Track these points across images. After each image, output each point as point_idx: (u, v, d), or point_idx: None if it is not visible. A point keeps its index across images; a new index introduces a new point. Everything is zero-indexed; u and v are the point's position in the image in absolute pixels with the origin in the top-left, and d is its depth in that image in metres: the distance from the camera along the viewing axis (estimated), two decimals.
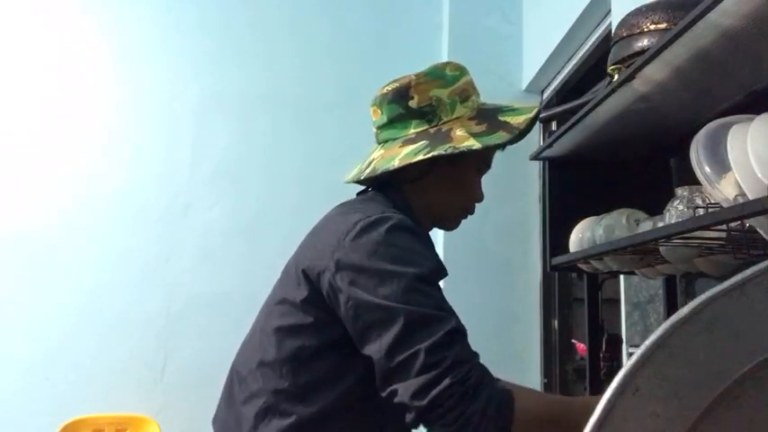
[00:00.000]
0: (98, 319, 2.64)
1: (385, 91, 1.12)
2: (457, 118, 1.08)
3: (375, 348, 0.89)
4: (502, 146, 1.10)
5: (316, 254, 1.00)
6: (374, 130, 1.16)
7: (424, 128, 1.08)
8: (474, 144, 1.02)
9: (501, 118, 1.09)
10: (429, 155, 1.02)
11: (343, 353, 0.96)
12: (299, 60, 2.95)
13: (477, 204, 1.16)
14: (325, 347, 0.97)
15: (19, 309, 2.62)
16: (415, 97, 1.09)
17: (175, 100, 2.86)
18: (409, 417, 0.86)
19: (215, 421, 1.10)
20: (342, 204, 1.11)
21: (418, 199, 1.11)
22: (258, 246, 2.72)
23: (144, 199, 2.76)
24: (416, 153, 1.03)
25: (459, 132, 1.05)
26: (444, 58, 2.90)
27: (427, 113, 1.09)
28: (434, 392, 0.83)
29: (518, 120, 1.08)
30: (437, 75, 1.11)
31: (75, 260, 2.68)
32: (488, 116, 1.09)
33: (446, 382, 0.83)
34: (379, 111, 1.13)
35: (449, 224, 1.17)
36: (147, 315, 2.67)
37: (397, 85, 1.11)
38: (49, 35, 2.83)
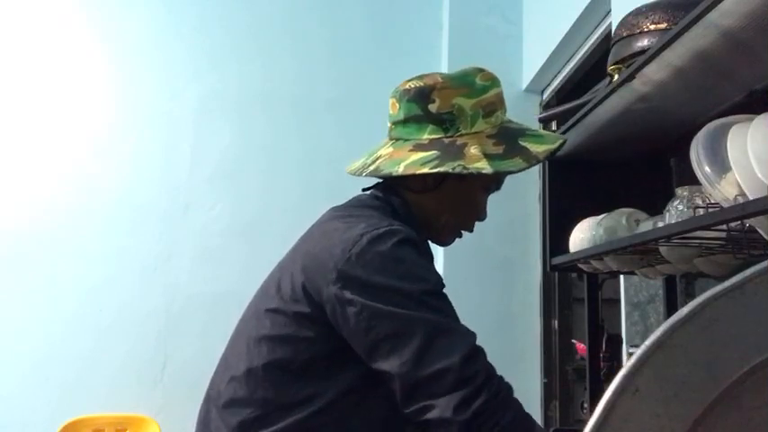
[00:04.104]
0: (98, 319, 2.64)
1: (407, 87, 1.06)
2: (475, 133, 1.02)
3: (395, 362, 0.86)
4: (514, 173, 1.06)
5: (317, 265, 0.95)
6: (389, 124, 1.10)
7: (439, 136, 1.02)
8: (485, 167, 0.97)
9: (521, 142, 1.03)
10: (435, 170, 0.98)
11: (331, 368, 0.94)
12: (298, 60, 2.95)
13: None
14: (317, 361, 0.94)
15: (19, 308, 2.62)
16: (437, 101, 1.03)
17: (175, 100, 2.86)
18: (449, 430, 0.85)
19: (196, 423, 1.06)
20: (337, 209, 1.06)
21: (419, 210, 1.07)
22: (258, 246, 2.72)
23: (144, 199, 2.76)
24: (423, 164, 0.99)
25: (473, 150, 0.99)
26: (444, 58, 2.91)
27: (445, 121, 1.03)
28: (476, 406, 0.83)
29: (538, 148, 1.03)
30: (465, 82, 1.05)
31: (75, 260, 2.68)
32: (509, 137, 1.04)
33: (484, 395, 0.83)
34: (397, 105, 1.07)
35: (442, 240, 1.14)
36: (146, 315, 2.67)
37: (421, 83, 1.05)
38: (49, 35, 2.83)
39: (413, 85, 1.05)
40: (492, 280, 2.70)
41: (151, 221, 2.75)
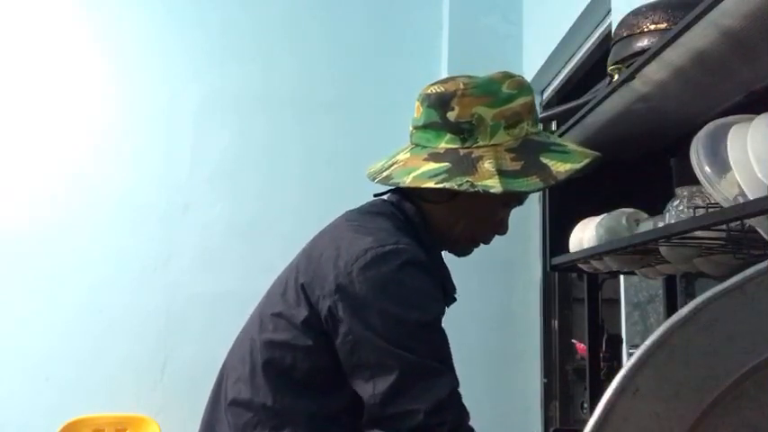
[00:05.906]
0: (98, 319, 2.64)
1: (429, 91, 1.01)
2: (494, 145, 0.96)
3: (368, 390, 0.86)
4: (527, 194, 1.00)
5: (318, 273, 0.93)
6: (410, 127, 1.06)
7: (456, 146, 0.97)
8: (494, 186, 0.91)
9: (543, 159, 0.97)
10: (440, 185, 0.93)
11: (329, 384, 0.93)
12: (298, 60, 2.95)
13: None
14: (317, 371, 0.93)
15: (19, 309, 2.62)
16: (456, 109, 0.97)
17: (175, 100, 2.86)
18: None
19: (201, 421, 1.06)
20: (351, 215, 1.04)
21: (433, 220, 1.04)
22: (258, 246, 2.72)
23: (144, 199, 2.77)
24: (431, 177, 0.95)
25: (486, 165, 0.94)
26: (444, 58, 2.91)
27: (464, 131, 0.97)
28: None
29: (560, 167, 0.96)
30: (488, 89, 0.98)
31: (76, 260, 2.68)
32: (530, 152, 0.97)
33: None
34: (420, 109, 1.03)
35: (457, 251, 1.12)
36: (147, 315, 2.67)
37: (442, 89, 0.99)
38: (49, 35, 2.83)
39: (434, 90, 1.01)
40: (492, 280, 2.70)
41: (151, 221, 2.76)
